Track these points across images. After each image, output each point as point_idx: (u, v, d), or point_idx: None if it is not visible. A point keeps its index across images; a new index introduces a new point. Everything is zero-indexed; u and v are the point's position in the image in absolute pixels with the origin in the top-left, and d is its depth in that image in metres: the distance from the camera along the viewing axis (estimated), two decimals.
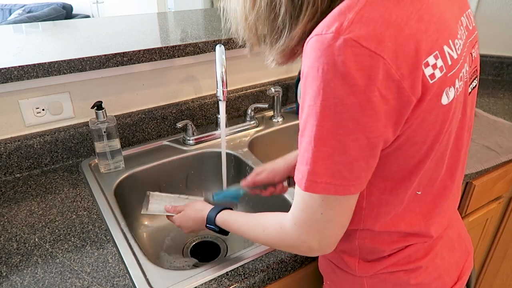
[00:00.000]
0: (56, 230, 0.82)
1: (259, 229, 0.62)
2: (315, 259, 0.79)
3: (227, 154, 1.12)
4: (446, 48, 0.48)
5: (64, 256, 0.75)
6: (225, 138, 1.15)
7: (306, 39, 0.49)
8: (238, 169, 1.14)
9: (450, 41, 0.49)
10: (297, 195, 0.53)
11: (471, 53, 0.58)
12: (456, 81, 0.50)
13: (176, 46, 1.08)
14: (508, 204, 1.32)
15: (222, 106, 1.01)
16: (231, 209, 0.73)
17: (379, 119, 0.45)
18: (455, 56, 0.49)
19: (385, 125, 0.45)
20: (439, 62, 0.46)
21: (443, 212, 0.62)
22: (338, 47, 0.42)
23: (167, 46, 1.06)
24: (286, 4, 0.50)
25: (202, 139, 1.17)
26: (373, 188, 0.56)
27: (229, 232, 0.71)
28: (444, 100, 0.49)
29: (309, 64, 0.45)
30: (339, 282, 0.70)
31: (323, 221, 0.51)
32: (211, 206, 0.75)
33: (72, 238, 0.80)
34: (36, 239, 0.80)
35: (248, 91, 1.30)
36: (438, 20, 0.47)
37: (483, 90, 1.55)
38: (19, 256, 0.75)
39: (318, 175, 0.47)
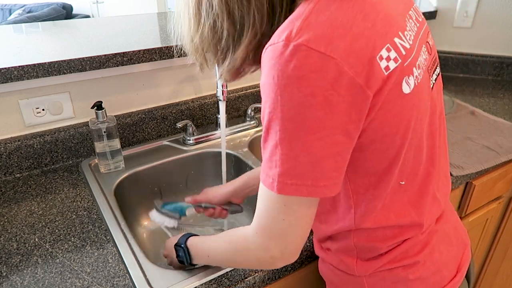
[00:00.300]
0: (56, 230, 0.82)
1: (225, 243, 0.63)
2: (315, 258, 0.79)
3: (227, 154, 1.12)
4: (397, 40, 0.50)
5: (64, 256, 0.75)
6: (225, 138, 1.15)
7: (249, 59, 0.53)
8: (238, 169, 1.14)
9: (400, 33, 0.51)
10: (259, 203, 0.53)
11: (427, 41, 0.60)
12: (414, 69, 0.52)
13: (176, 46, 1.08)
14: (508, 204, 1.32)
15: (222, 106, 1.01)
16: None
17: (339, 117, 0.46)
18: (408, 46, 0.51)
19: (346, 122, 0.47)
20: (392, 54, 0.48)
21: (431, 199, 0.63)
22: (289, 53, 0.44)
23: (167, 46, 1.06)
24: (228, 28, 0.53)
25: (202, 139, 1.17)
26: (358, 186, 0.57)
27: (192, 261, 0.71)
28: (406, 89, 0.50)
29: (265, 73, 0.47)
30: (340, 284, 0.70)
31: (285, 226, 0.52)
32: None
33: (72, 238, 0.80)
34: (36, 239, 0.80)
35: (248, 91, 1.30)
36: (384, 16, 0.49)
37: (483, 90, 1.55)
38: (19, 256, 0.75)
39: (288, 177, 0.48)
